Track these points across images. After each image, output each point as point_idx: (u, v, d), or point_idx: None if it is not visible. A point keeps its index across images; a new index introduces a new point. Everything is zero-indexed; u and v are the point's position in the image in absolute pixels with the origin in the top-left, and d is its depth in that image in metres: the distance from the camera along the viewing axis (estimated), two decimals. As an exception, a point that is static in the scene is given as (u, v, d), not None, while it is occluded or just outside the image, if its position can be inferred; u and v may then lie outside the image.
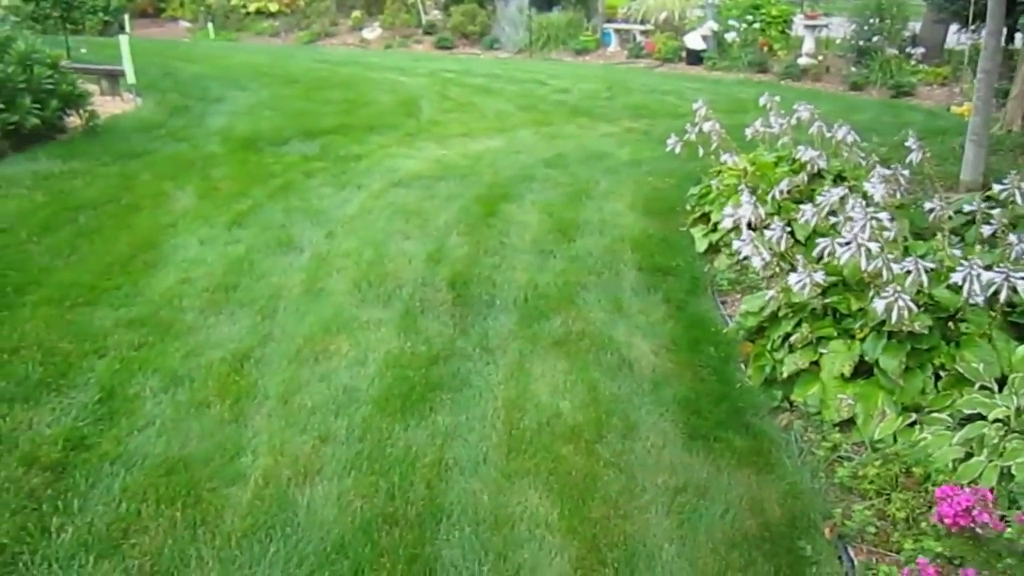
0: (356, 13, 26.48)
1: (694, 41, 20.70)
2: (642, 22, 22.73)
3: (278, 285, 7.05)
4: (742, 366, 5.89)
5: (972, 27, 15.48)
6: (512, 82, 17.94)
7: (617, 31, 23.34)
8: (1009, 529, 3.48)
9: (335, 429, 5.04)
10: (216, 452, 4.82)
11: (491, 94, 16.53)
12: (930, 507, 3.88)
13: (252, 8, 26.97)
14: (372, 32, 25.39)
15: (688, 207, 8.83)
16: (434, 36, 24.56)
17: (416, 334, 6.22)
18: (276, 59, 20.73)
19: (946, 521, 3.42)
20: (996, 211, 5.94)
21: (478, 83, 17.71)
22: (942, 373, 5.00)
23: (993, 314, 5.11)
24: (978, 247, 5.93)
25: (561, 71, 20.12)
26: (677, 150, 8.21)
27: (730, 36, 20.29)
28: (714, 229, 7.84)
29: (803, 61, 19.01)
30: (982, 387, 4.72)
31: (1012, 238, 5.42)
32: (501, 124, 13.86)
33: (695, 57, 20.70)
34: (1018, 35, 14.95)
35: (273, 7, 26.86)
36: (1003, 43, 15.09)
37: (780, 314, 5.81)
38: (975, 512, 3.36)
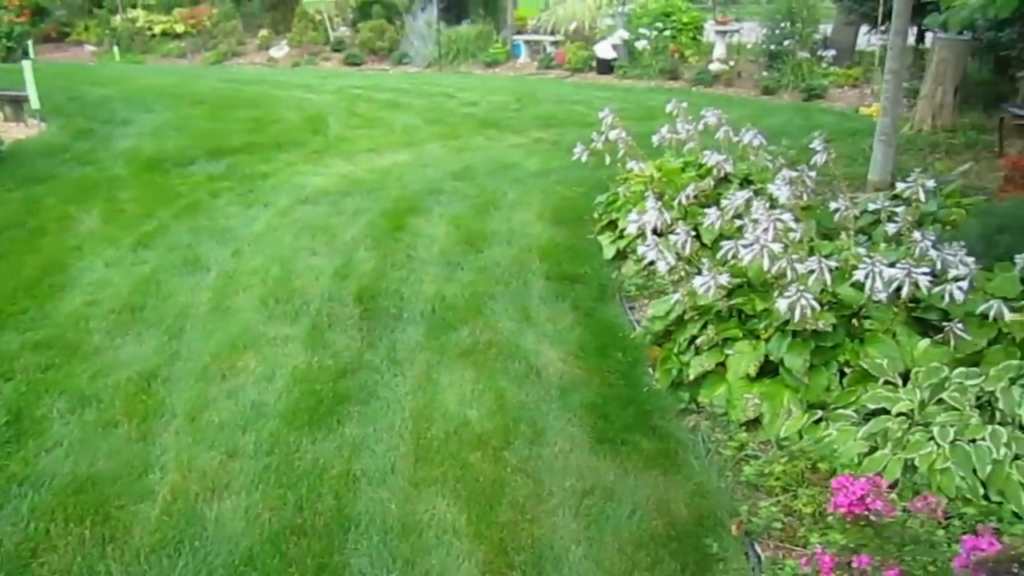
0: (263, 32, 26.25)
1: (604, 50, 20.76)
2: (552, 33, 22.80)
3: (185, 304, 7.00)
4: (650, 370, 5.94)
5: (882, 28, 15.70)
6: (421, 96, 17.88)
7: (527, 43, 23.34)
8: (920, 518, 3.56)
9: (243, 444, 5.03)
10: (124, 470, 4.80)
11: (399, 109, 16.46)
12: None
13: (158, 30, 26.60)
14: (280, 50, 25.18)
15: (596, 215, 8.91)
16: (343, 53, 24.37)
17: (323, 348, 6.20)
18: (183, 80, 20.46)
19: (841, 510, 3.48)
20: (901, 209, 6.07)
21: (386, 98, 17.62)
22: (847, 370, 5.10)
23: (896, 310, 5.21)
24: (883, 245, 6.04)
25: (470, 84, 20.10)
26: (583, 159, 8.29)
27: (641, 44, 20.33)
28: (621, 236, 7.90)
29: (715, 67, 19.13)
30: (886, 382, 4.82)
31: (916, 235, 5.53)
32: (409, 138, 13.82)
33: (606, 66, 20.74)
34: (928, 35, 15.18)
35: (179, 28, 26.50)
36: (914, 43, 15.39)
37: (686, 317, 5.86)
38: (868, 500, 3.42)
